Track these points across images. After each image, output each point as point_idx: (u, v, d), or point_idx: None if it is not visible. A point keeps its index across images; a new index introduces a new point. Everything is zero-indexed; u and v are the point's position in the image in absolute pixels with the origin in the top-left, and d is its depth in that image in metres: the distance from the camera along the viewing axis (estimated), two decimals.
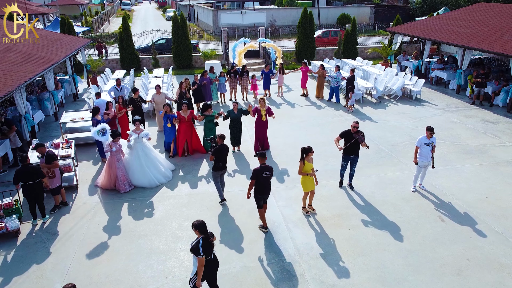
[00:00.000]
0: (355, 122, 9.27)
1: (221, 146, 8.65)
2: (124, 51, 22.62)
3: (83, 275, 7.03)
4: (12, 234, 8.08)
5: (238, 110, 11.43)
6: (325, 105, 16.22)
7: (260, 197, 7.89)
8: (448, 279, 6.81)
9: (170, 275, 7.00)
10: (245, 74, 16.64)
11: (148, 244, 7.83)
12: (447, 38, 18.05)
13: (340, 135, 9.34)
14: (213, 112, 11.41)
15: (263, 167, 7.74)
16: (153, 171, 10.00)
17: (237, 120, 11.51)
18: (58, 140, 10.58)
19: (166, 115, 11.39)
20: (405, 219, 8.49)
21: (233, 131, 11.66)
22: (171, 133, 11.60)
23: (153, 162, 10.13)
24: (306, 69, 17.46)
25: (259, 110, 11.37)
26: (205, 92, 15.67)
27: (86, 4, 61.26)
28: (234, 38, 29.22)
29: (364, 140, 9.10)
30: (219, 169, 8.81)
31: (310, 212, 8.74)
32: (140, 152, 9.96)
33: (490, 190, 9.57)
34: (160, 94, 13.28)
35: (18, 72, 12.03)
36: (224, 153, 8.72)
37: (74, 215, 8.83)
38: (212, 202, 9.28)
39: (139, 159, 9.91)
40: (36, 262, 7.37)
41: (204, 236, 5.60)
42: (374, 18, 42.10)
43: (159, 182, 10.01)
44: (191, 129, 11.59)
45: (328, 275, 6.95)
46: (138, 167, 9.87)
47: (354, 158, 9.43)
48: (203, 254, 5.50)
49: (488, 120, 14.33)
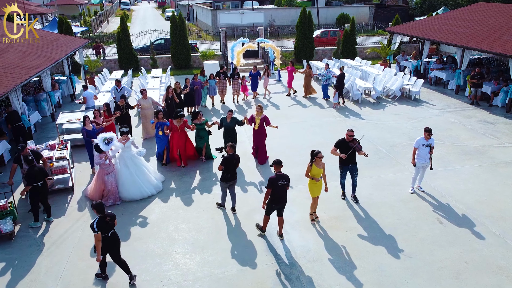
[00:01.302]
0: (350, 130, 8.81)
1: (230, 156, 8.26)
2: (122, 51, 22.52)
3: (77, 278, 6.95)
4: (6, 236, 7.99)
5: (232, 119, 10.77)
6: (311, 104, 16.14)
7: (275, 206, 7.61)
8: (446, 282, 6.74)
9: (165, 279, 6.93)
10: (235, 76, 16.20)
11: (143, 247, 7.76)
12: (446, 38, 17.97)
13: (335, 146, 8.86)
14: (204, 120, 10.92)
15: (279, 175, 7.43)
16: (143, 181, 9.47)
17: (230, 129, 10.83)
18: (54, 142, 10.49)
19: (158, 122, 10.82)
20: (403, 221, 8.42)
21: (227, 141, 10.82)
22: (163, 141, 10.97)
23: (143, 172, 9.59)
24: (292, 69, 17.43)
25: (255, 118, 10.79)
26: (196, 96, 15.23)
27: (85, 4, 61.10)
28: (233, 38, 29.14)
29: (361, 148, 8.71)
30: (227, 180, 8.42)
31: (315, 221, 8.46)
32: (128, 161, 9.42)
33: (489, 192, 9.50)
34: (147, 99, 12.76)
35: (14, 72, 11.94)
36: (234, 164, 8.32)
37: (69, 218, 8.75)
38: (208, 204, 9.20)
39: (128, 169, 9.36)
40: (30, 265, 7.30)
41: (101, 215, 6.39)
42: (374, 18, 42.01)
43: (150, 193, 9.49)
44: (184, 139, 10.98)
45: (324, 278, 6.88)
46: (128, 177, 9.31)
47: (353, 167, 8.97)
48: (98, 230, 6.31)
49: (487, 120, 14.26)
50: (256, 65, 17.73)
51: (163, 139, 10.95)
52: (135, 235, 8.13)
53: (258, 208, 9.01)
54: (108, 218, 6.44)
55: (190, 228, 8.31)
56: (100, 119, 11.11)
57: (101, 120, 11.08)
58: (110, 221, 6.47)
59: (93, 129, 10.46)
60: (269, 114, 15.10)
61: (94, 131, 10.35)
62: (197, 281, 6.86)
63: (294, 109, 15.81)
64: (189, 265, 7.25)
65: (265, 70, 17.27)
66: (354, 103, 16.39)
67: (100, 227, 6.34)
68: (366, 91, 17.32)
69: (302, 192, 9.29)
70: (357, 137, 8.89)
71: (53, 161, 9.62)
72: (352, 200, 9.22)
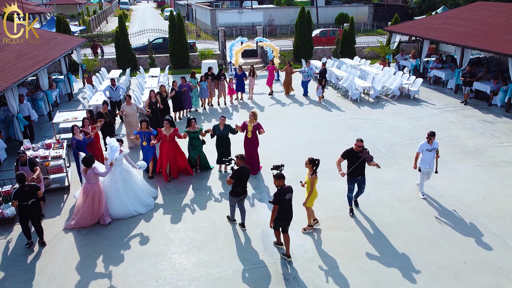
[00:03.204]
0: (359, 140, 8.08)
1: (241, 169, 7.61)
2: (120, 50, 22.46)
3: (72, 278, 6.87)
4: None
5: (225, 126, 10.06)
6: (310, 103, 16.07)
7: (281, 223, 7.06)
8: (444, 282, 6.67)
9: (161, 279, 6.85)
10: (222, 77, 15.67)
11: (139, 246, 7.67)
12: (446, 37, 17.90)
13: (342, 156, 8.12)
14: (198, 129, 10.06)
15: (284, 189, 6.85)
16: (131, 199, 8.64)
17: (223, 137, 10.15)
18: (50, 141, 10.41)
19: (142, 132, 9.85)
20: (402, 221, 8.35)
21: (220, 149, 10.23)
22: (149, 151, 10.00)
23: (133, 189, 8.76)
24: (272, 68, 17.35)
25: (247, 125, 10.03)
26: (184, 100, 14.51)
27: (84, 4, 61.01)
28: (232, 37, 29.03)
29: (372, 159, 7.92)
30: (237, 195, 7.80)
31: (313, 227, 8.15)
32: (118, 176, 8.55)
33: (488, 191, 9.43)
34: (131, 105, 11.82)
35: (10, 71, 11.86)
36: (245, 177, 7.70)
37: (64, 217, 8.66)
38: (205, 203, 9.13)
39: (115, 184, 8.52)
40: (24, 265, 7.22)
41: (21, 185, 7.20)
42: (373, 18, 41.97)
43: (137, 212, 8.61)
44: (175, 149, 9.99)
45: (322, 278, 6.81)
46: (115, 193, 8.47)
47: (362, 179, 8.29)
48: (14, 199, 7.19)
49: (486, 120, 14.19)
50: (241, 66, 17.24)
51: (149, 150, 10.01)
52: (130, 234, 8.04)
53: (256, 210, 8.95)
54: (27, 188, 7.19)
55: (187, 228, 8.23)
56: (88, 128, 10.18)
57: (89, 129, 10.16)
58: (29, 191, 7.22)
59: (84, 138, 9.57)
60: (267, 113, 15.08)
61: (85, 142, 9.58)
62: (193, 281, 6.78)
63: (293, 109, 15.73)
64: (185, 265, 7.17)
65: (250, 70, 16.70)
66: (353, 102, 16.31)
67: (17, 196, 7.16)
68: (365, 91, 17.24)
69: (299, 192, 9.19)
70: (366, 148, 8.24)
71: (49, 160, 9.55)
72: (354, 206, 8.78)
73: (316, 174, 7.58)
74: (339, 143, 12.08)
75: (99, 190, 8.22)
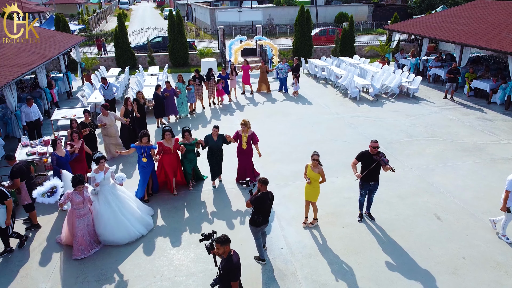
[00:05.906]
0: (374, 141, 7.65)
1: (264, 195, 6.59)
2: (119, 49, 22.44)
3: (69, 274, 6.84)
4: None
5: (219, 136, 9.23)
6: (309, 102, 16.04)
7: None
8: (443, 278, 6.64)
9: (158, 274, 6.82)
10: (211, 78, 15.13)
11: (136, 242, 7.64)
12: (445, 35, 17.88)
13: (357, 158, 7.79)
14: (194, 140, 9.22)
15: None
16: (130, 220, 7.69)
17: (217, 149, 9.30)
18: (48, 138, 10.37)
19: (142, 147, 8.65)
20: (400, 217, 8.32)
21: (212, 162, 9.41)
22: (148, 168, 8.80)
23: (129, 207, 7.80)
24: (247, 67, 17.24)
25: (240, 135, 9.32)
26: (167, 105, 13.49)
27: (84, 3, 60.96)
28: (231, 36, 28.99)
29: (387, 163, 7.48)
30: (258, 224, 6.73)
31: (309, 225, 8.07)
32: (109, 196, 7.54)
33: (487, 188, 9.41)
34: (108, 115, 10.90)
35: (8, 68, 11.83)
36: (268, 204, 6.71)
37: (62, 213, 8.61)
38: (203, 199, 9.10)
39: (110, 206, 7.50)
40: (21, 261, 7.19)
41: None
42: (372, 17, 41.95)
43: (140, 232, 7.75)
44: (177, 161, 9.21)
45: (320, 274, 6.78)
46: (111, 216, 7.46)
47: (374, 185, 7.87)
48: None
49: (485, 117, 14.17)
50: (224, 68, 16.42)
51: (147, 167, 8.82)
52: None
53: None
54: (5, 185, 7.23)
55: (184, 224, 8.19)
56: (78, 142, 8.98)
57: (79, 144, 8.97)
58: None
59: (66, 155, 8.48)
60: (266, 111, 15.05)
61: (67, 158, 8.50)
62: (191, 277, 6.76)
63: (292, 106, 15.70)
64: (183, 260, 7.15)
65: (231, 70, 16.09)
66: (352, 101, 16.29)
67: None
68: (364, 89, 17.22)
69: (298, 188, 9.19)
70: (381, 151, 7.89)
71: (47, 157, 9.51)
72: (366, 217, 8.30)
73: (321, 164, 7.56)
74: (338, 140, 12.06)
75: (73, 217, 7.25)
